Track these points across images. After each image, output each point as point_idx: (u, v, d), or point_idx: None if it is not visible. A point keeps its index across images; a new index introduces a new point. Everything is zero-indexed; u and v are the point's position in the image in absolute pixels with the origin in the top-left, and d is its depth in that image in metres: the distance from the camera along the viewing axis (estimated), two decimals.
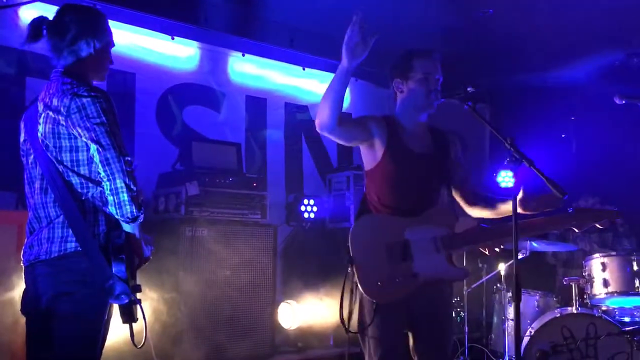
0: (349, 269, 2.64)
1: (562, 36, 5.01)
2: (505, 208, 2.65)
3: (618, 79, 5.53)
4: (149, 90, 4.53)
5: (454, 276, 2.74)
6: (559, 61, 5.54)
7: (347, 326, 2.60)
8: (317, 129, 2.58)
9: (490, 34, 5.00)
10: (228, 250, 3.97)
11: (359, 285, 2.59)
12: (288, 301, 4.51)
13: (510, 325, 4.26)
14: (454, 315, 4.68)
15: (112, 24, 2.32)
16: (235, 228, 4.07)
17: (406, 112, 2.78)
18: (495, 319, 4.57)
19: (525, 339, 3.93)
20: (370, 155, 2.73)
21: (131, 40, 4.42)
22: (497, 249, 2.73)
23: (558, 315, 3.97)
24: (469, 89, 2.64)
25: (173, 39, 4.60)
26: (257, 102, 5.12)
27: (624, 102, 3.08)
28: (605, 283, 3.97)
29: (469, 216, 2.98)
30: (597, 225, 2.69)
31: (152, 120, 4.54)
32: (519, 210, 2.53)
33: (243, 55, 4.98)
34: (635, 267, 3.93)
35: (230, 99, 4.94)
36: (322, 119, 2.55)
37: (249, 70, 5.06)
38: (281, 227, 4.68)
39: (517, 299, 2.44)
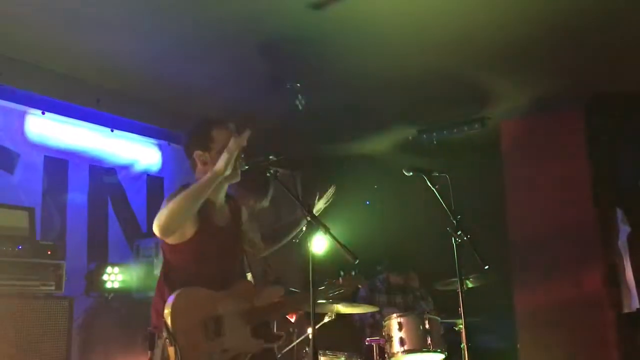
0: (167, 345, 2.49)
1: (361, 112, 5.45)
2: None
3: (411, 151, 6.13)
4: None
5: (256, 349, 2.73)
6: (362, 134, 6.00)
7: None
8: (159, 234, 2.50)
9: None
10: (14, 327, 3.55)
11: None
12: None
13: None
14: None
15: None
16: (23, 301, 3.66)
17: None
18: None
19: None
20: (180, 231, 2.63)
21: None
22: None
23: None
24: (271, 157, 2.73)
25: None
26: (58, 164, 4.75)
27: (410, 173, 3.42)
28: (402, 342, 4.22)
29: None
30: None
31: None
32: None
33: (43, 113, 4.65)
34: (427, 326, 4.25)
35: (26, 159, 4.54)
36: (170, 224, 2.47)
37: (49, 129, 4.71)
38: (80, 298, 4.32)
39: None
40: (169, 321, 2.48)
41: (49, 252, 3.91)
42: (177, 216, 2.46)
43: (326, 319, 4.29)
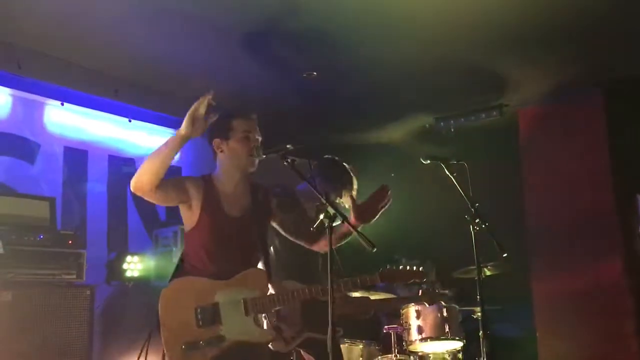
0: (156, 332, 2.61)
1: (378, 101, 5.43)
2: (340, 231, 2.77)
3: (428, 140, 6.09)
4: None
5: (260, 338, 2.72)
6: (379, 122, 5.97)
7: None
8: (132, 189, 2.58)
9: (316, 95, 5.26)
10: (37, 315, 3.61)
11: (164, 348, 2.57)
12: None
13: None
14: None
15: None
16: (45, 290, 3.72)
17: (227, 172, 2.82)
18: None
19: None
20: (188, 216, 2.75)
21: None
22: None
23: None
24: (288, 146, 2.74)
25: None
26: (77, 154, 4.81)
27: (428, 161, 3.40)
28: (420, 329, 4.23)
29: None
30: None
31: None
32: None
33: (62, 104, 4.70)
34: (445, 314, 4.25)
35: (46, 150, 4.60)
36: (140, 182, 2.56)
37: (68, 120, 4.76)
38: (101, 287, 4.38)
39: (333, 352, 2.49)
40: (159, 310, 2.61)
41: (70, 242, 3.96)
42: (145, 173, 2.55)
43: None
